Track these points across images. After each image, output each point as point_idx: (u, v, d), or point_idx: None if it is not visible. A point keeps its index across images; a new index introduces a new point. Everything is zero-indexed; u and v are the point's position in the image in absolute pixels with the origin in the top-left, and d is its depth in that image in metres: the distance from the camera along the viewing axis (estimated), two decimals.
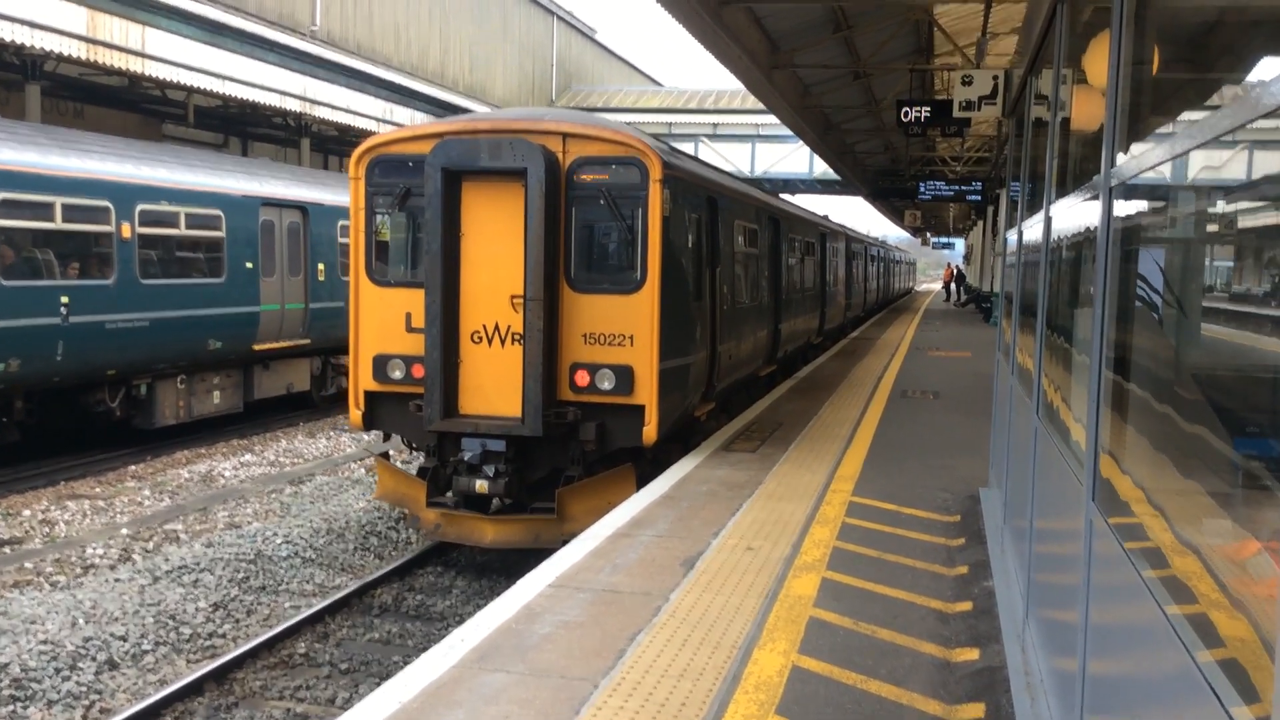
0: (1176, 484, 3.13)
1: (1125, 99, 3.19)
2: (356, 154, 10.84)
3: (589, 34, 57.10)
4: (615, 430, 10.40)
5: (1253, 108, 2.18)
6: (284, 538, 11.29)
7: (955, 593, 6.80)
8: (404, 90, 29.50)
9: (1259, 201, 2.76)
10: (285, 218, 18.07)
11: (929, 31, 19.66)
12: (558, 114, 11.42)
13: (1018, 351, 7.17)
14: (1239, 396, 3.00)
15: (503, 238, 10.21)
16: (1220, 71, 3.06)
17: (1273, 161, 2.60)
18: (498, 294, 10.31)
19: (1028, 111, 7.26)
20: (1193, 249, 3.33)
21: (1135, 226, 3.35)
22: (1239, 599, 2.50)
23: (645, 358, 10.25)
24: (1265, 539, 2.63)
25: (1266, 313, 2.66)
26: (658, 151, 10.53)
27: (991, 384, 16.62)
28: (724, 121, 48.71)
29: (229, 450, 16.30)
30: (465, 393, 10.42)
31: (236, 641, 8.78)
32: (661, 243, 10.31)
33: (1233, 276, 3.08)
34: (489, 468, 10.18)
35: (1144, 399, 3.31)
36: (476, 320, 10.36)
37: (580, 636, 5.84)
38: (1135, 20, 3.17)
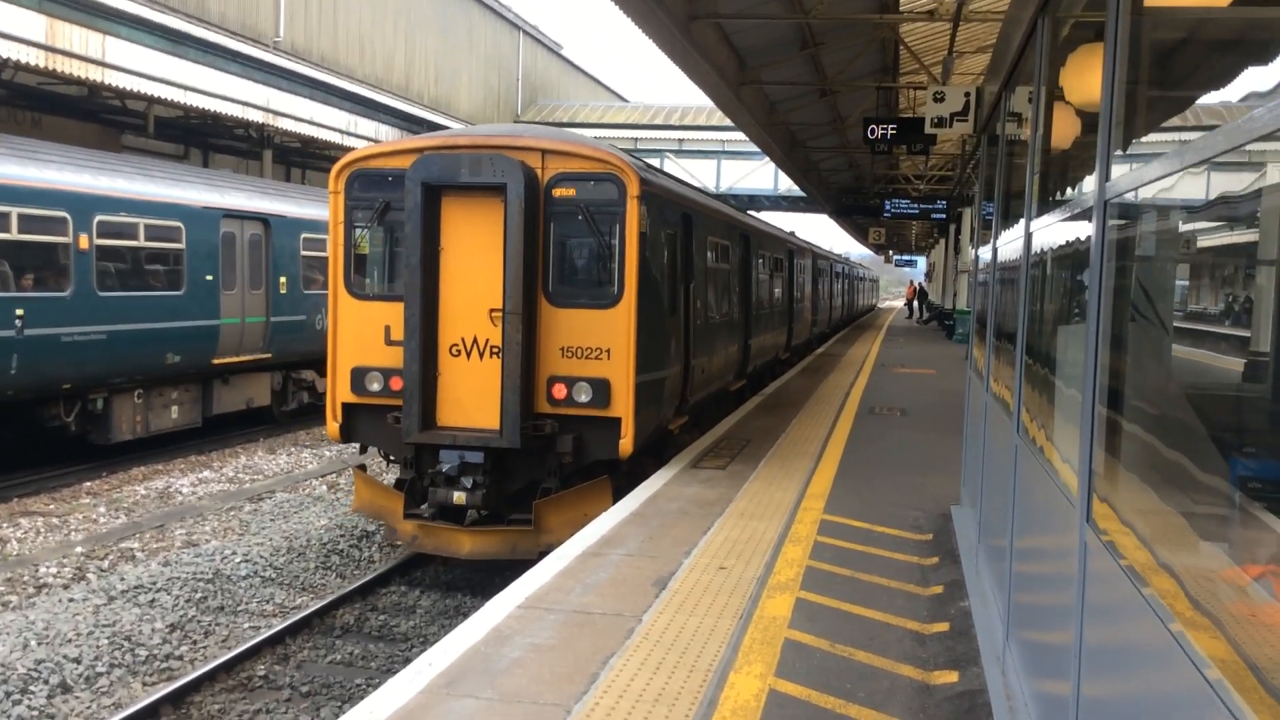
0: (1173, 505, 3.05)
1: (1120, 112, 3.12)
2: (336, 168, 10.91)
3: (555, 49, 57.06)
4: (592, 442, 10.50)
5: (1251, 129, 2.11)
6: (243, 556, 11.04)
7: (931, 613, 6.72)
8: (368, 102, 29.28)
9: (1253, 219, 2.69)
10: (247, 230, 17.80)
11: (895, 50, 19.77)
12: (536, 130, 11.61)
13: (993, 369, 7.12)
14: (1236, 416, 2.94)
15: (482, 252, 10.31)
16: (1216, 84, 3.00)
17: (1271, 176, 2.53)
18: (476, 307, 10.38)
19: (1002, 127, 7.23)
20: (1187, 265, 3.26)
21: (1130, 243, 3.28)
22: (1244, 618, 2.43)
23: (622, 371, 10.35)
24: (1264, 562, 2.56)
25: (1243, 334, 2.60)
26: (635, 168, 10.68)
27: (958, 401, 16.67)
28: (690, 137, 48.81)
29: (187, 466, 15.99)
30: (443, 405, 10.49)
31: (194, 663, 8.54)
32: (638, 258, 10.42)
33: (1226, 293, 3.02)
34: (467, 479, 10.23)
35: (1138, 419, 3.23)
36: (455, 333, 10.44)
37: (551, 660, 5.69)
38: (1131, 32, 3.10)
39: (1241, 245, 2.54)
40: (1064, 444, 4.11)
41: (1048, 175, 5.00)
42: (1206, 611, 2.57)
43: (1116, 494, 3.23)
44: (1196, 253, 2.85)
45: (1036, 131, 5.13)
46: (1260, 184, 2.69)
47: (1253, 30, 2.82)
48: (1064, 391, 4.24)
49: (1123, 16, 3.12)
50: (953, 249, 38.65)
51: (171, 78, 21.05)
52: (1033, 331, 5.10)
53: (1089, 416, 3.24)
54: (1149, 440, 3.20)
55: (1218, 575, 2.76)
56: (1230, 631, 2.45)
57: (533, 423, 10.28)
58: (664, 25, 13.92)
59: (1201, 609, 2.58)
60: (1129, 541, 3.01)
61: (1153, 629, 2.69)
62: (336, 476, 15.46)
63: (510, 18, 50.34)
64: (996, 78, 7.59)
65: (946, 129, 12.90)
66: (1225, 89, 2.89)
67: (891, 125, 17.02)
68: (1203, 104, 3.03)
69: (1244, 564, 2.67)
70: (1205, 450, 3.00)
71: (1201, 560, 2.84)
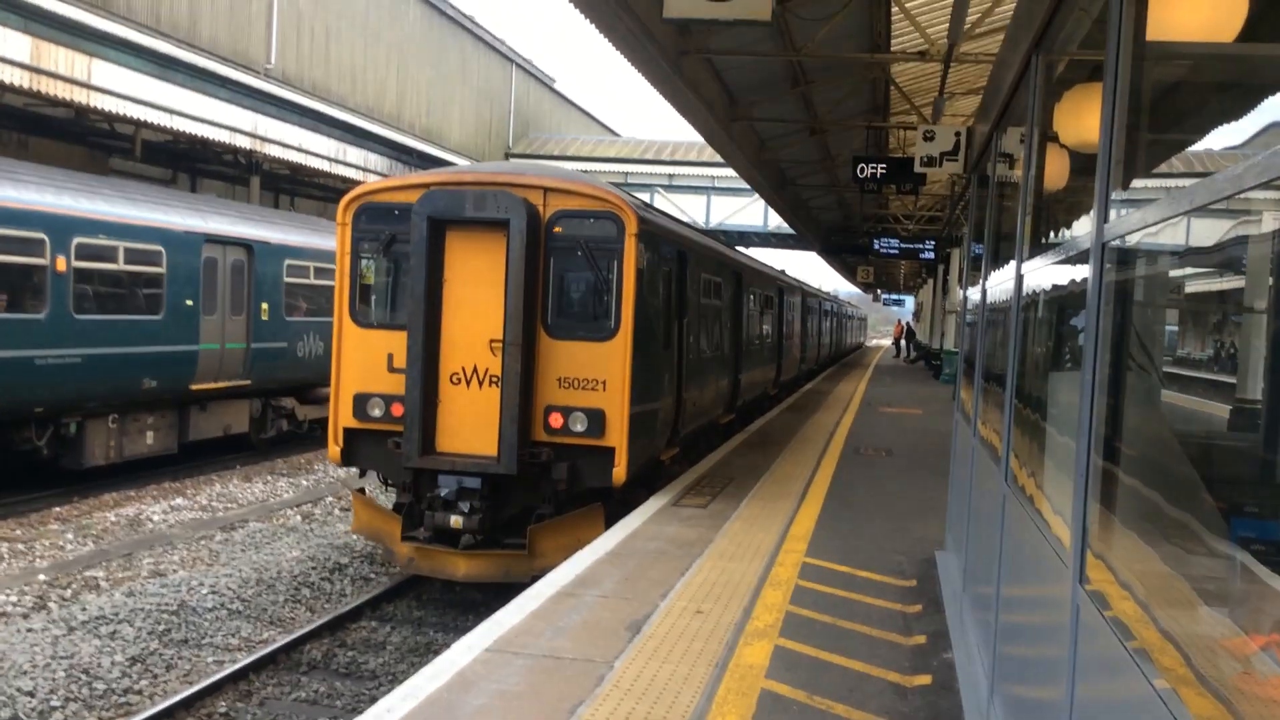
0: (1170, 567, 2.88)
1: (1120, 153, 2.96)
2: (344, 201, 11.27)
3: (548, 82, 57.25)
4: (586, 471, 10.75)
5: (1260, 173, 1.96)
6: (210, 588, 10.76)
7: (914, 664, 6.50)
8: (359, 131, 29.20)
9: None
10: (229, 255, 17.60)
11: (885, 90, 19.76)
12: (539, 168, 12.06)
13: (981, 414, 6.95)
14: (1237, 472, 2.78)
15: (483, 285, 10.65)
16: (1220, 124, 2.85)
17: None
18: (477, 338, 10.69)
19: (993, 168, 7.10)
20: (1186, 312, 3.10)
21: (1129, 287, 3.12)
22: (1250, 692, 2.28)
23: (616, 402, 10.65)
24: (1267, 632, 2.40)
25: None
26: (633, 207, 11.08)
27: (943, 442, 16.51)
28: (680, 172, 48.89)
29: (160, 493, 15.69)
30: (443, 432, 10.75)
31: (153, 699, 8.26)
32: (635, 294, 10.76)
33: (1223, 342, 2.87)
34: (464, 504, 10.50)
35: (1136, 472, 3.06)
36: (456, 362, 10.74)
37: (518, 709, 5.45)
38: (1132, 70, 2.96)
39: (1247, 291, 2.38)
40: (1055, 496, 3.93)
41: (1040, 216, 4.85)
42: (1209, 686, 2.40)
43: (1112, 553, 3.05)
44: (1200, 300, 2.69)
45: (1029, 172, 4.99)
46: (1257, 230, 2.54)
47: (1261, 68, 2.68)
48: (1056, 440, 4.07)
49: (1123, 53, 2.97)
50: (940, 289, 38.67)
51: (159, 102, 20.91)
52: (1023, 376, 4.93)
53: (1083, 470, 3.06)
54: (1147, 496, 3.03)
55: (1219, 644, 2.59)
56: (1237, 707, 2.28)
57: (529, 450, 10.56)
58: (655, 60, 13.84)
59: (1204, 682, 2.40)
60: (1126, 607, 2.83)
61: (1146, 695, 2.51)
62: (312, 506, 15.19)
63: (503, 50, 50.50)
64: (987, 118, 7.48)
65: (936, 168, 12.81)
66: (1230, 129, 2.75)
67: (881, 165, 16.98)
68: (1206, 147, 2.88)
69: (1247, 631, 2.51)
70: (1206, 507, 2.84)
71: (1201, 626, 2.67)
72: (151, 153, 25.01)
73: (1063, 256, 3.92)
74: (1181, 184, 2.59)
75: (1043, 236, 4.78)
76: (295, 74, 34.28)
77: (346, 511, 14.88)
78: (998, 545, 5.19)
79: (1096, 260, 3.04)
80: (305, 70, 35.09)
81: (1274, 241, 2.31)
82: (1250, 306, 2.84)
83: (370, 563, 12.25)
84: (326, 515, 14.68)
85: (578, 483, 10.78)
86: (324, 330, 20.19)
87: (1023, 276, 4.98)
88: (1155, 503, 2.97)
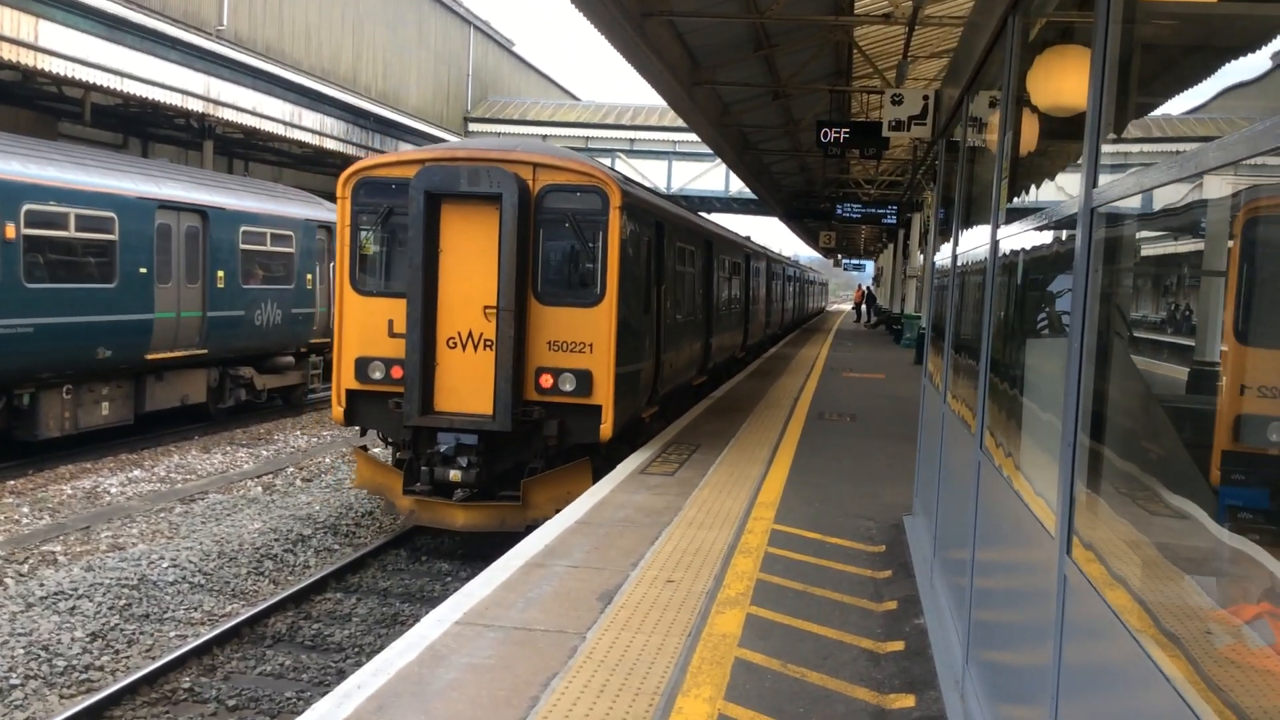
0: (1159, 535, 2.85)
1: (1110, 116, 2.90)
2: (344, 176, 11.90)
3: (506, 45, 56.58)
4: (575, 427, 11.46)
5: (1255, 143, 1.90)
6: (171, 561, 10.59)
7: (885, 630, 6.50)
8: (314, 94, 28.64)
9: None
10: (183, 222, 17.24)
11: (849, 54, 19.66)
12: (529, 145, 12.56)
13: (952, 380, 6.93)
14: (1219, 438, 2.75)
15: (478, 255, 11.26)
16: (1203, 83, 2.80)
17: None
18: (472, 304, 11.31)
19: (964, 132, 7.04)
20: (1177, 275, 3.06)
21: (1114, 252, 3.06)
22: (1240, 661, 2.26)
23: (603, 363, 11.38)
24: (1256, 600, 2.38)
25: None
26: (617, 181, 11.90)
27: (907, 407, 16.58)
28: (641, 137, 48.57)
29: (117, 465, 15.43)
30: (440, 392, 11.42)
31: (115, 675, 8.12)
32: (619, 262, 11.47)
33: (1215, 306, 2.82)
34: (462, 459, 11.16)
35: (1120, 441, 3.02)
36: (452, 328, 11.38)
37: (490, 682, 5.39)
38: (1123, 31, 2.88)
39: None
40: (1036, 466, 3.90)
41: (1016, 181, 4.80)
42: (1198, 652, 2.37)
43: (1097, 521, 3.02)
44: (1195, 267, 2.64)
45: (1004, 136, 4.93)
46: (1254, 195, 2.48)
47: (1249, 25, 2.61)
48: (1034, 409, 4.03)
49: (1114, 13, 2.90)
50: (901, 254, 38.78)
51: (109, 64, 20.38)
52: (1000, 344, 4.89)
53: (1070, 441, 3.01)
54: (1132, 466, 3.00)
55: (1206, 613, 2.57)
56: (1223, 672, 2.26)
57: (522, 409, 11.27)
58: (617, 22, 13.65)
59: (1178, 643, 2.37)
60: (1108, 573, 2.79)
61: (1132, 656, 2.48)
62: (272, 477, 15.00)
63: (461, 12, 49.82)
64: (957, 82, 7.41)
65: (904, 132, 12.75)
66: (1218, 89, 2.69)
67: (845, 129, 16.89)
68: (1194, 110, 2.82)
69: (1235, 600, 2.49)
70: (1193, 475, 2.81)
71: (1185, 593, 2.65)
72: (101, 116, 24.42)
73: (1045, 221, 3.86)
74: (1178, 148, 2.52)
75: (1020, 201, 4.72)
76: (248, 35, 33.57)
77: (308, 482, 14.73)
78: (972, 511, 5.17)
79: (1085, 225, 2.98)
80: (258, 32, 34.37)
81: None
82: (1210, 269, 2.80)
83: (334, 534, 12.13)
84: (288, 486, 14.50)
85: (567, 438, 11.45)
86: (282, 298, 19.89)
87: (998, 243, 4.92)
88: (1140, 472, 2.94)
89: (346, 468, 15.77)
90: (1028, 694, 3.78)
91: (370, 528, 12.56)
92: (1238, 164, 2.00)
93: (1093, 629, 2.84)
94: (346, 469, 15.67)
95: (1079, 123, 3.26)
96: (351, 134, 30.39)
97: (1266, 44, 2.36)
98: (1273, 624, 2.21)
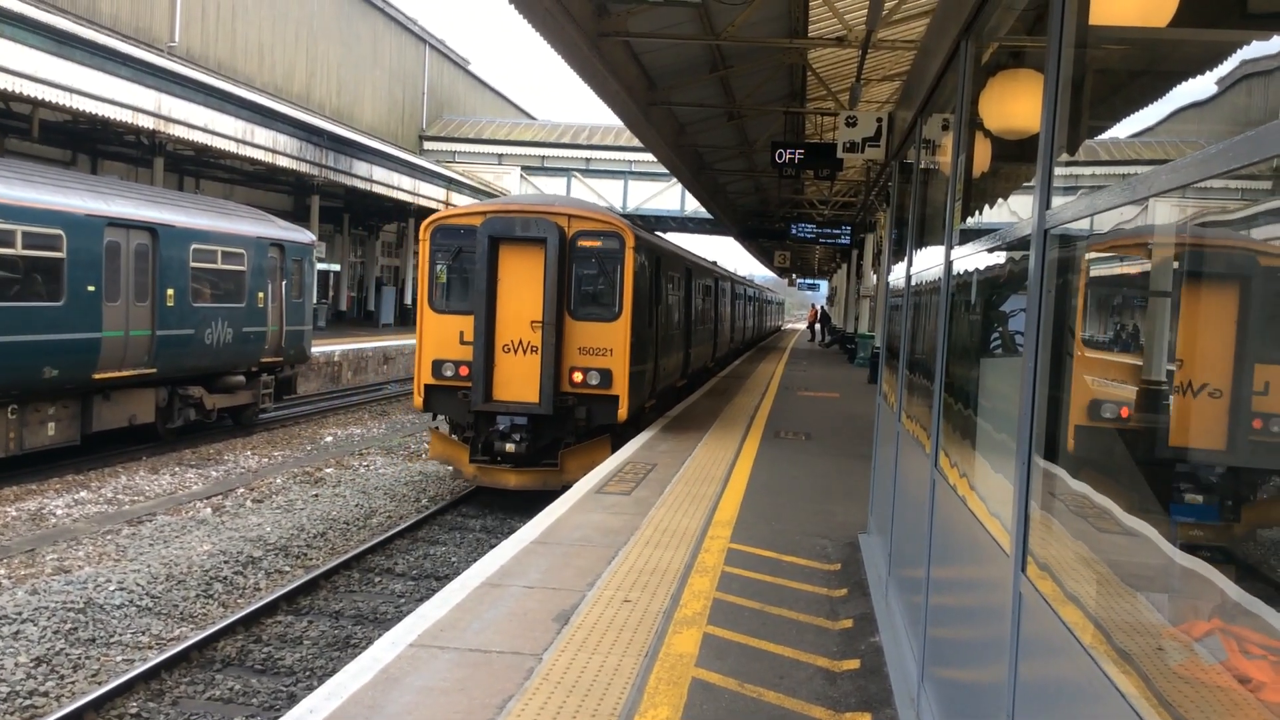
0: (1108, 553, 2.88)
1: (1062, 139, 2.94)
2: (425, 223, 15.51)
3: (462, 64, 56.50)
4: (598, 412, 15.05)
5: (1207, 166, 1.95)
6: (118, 584, 10.39)
7: (841, 649, 6.52)
8: (267, 111, 28.41)
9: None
10: (133, 239, 16.99)
11: (803, 76, 19.85)
12: (566, 201, 17.26)
13: (906, 399, 6.98)
14: (1176, 461, 2.79)
15: (527, 282, 14.72)
16: (1158, 108, 2.85)
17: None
18: (522, 320, 14.79)
19: (918, 154, 7.12)
20: (1131, 295, 3.10)
21: (1066, 273, 3.10)
22: (1194, 678, 2.29)
23: (620, 364, 14.97)
24: (1207, 617, 2.41)
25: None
26: (631, 228, 15.49)
27: (862, 425, 16.69)
28: (597, 157, 48.62)
29: (63, 486, 15.13)
30: (498, 385, 14.89)
31: (60, 700, 7.92)
32: (633, 289, 15.14)
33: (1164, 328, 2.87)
34: (515, 436, 14.65)
35: (1072, 457, 3.06)
36: (507, 337, 14.86)
37: (445, 705, 5.32)
38: (1075, 56, 2.93)
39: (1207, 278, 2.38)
40: (990, 484, 3.93)
41: (969, 203, 4.85)
42: (1147, 663, 2.39)
43: (1051, 538, 3.05)
44: (1147, 288, 2.69)
45: (957, 158, 4.99)
46: (1205, 218, 2.53)
47: (1197, 53, 2.67)
48: (988, 428, 4.07)
49: (1066, 39, 2.94)
50: (855, 273, 39.10)
51: (58, 80, 20.10)
52: (953, 363, 4.93)
53: (1024, 457, 3.04)
54: (1083, 485, 3.03)
55: (1160, 629, 2.60)
56: (1169, 683, 2.29)
57: (560, 398, 14.76)
58: (573, 42, 13.69)
59: (1129, 660, 2.40)
60: (1062, 591, 2.81)
61: (1087, 673, 2.50)
62: (222, 498, 14.78)
63: (416, 30, 49.71)
64: (911, 104, 7.50)
65: (858, 154, 12.88)
66: (1166, 113, 2.74)
67: (799, 150, 17.02)
68: (1144, 133, 2.87)
69: (1187, 617, 2.52)
70: (1145, 493, 2.85)
71: (1138, 610, 2.68)
72: (50, 133, 24.10)
73: (999, 242, 3.90)
74: (1129, 170, 2.57)
75: (973, 223, 4.78)
76: (200, 52, 33.26)
77: (259, 503, 14.53)
78: (927, 529, 5.20)
79: (1038, 246, 3.02)
80: (210, 49, 34.06)
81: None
82: (1156, 289, 2.86)
83: (285, 555, 11.97)
84: (238, 507, 14.29)
85: (593, 420, 15.05)
86: (233, 316, 19.65)
87: (951, 263, 4.98)
88: (1093, 490, 2.97)
89: (298, 488, 15.60)
90: (983, 711, 3.80)
91: (323, 549, 12.42)
92: (1187, 188, 2.03)
93: (1047, 646, 2.86)
94: (299, 489, 15.49)
95: (1031, 145, 3.32)
96: (305, 151, 30.17)
97: (1213, 68, 2.41)
98: (1224, 640, 2.25)
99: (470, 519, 14.51)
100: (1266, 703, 1.99)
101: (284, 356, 21.91)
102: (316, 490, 15.52)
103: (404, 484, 16.30)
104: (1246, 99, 2.16)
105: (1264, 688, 2.05)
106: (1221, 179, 1.91)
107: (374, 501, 14.97)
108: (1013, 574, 3.11)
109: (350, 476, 16.74)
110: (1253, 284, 2.35)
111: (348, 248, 44.74)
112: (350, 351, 29.74)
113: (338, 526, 13.48)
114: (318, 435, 21.52)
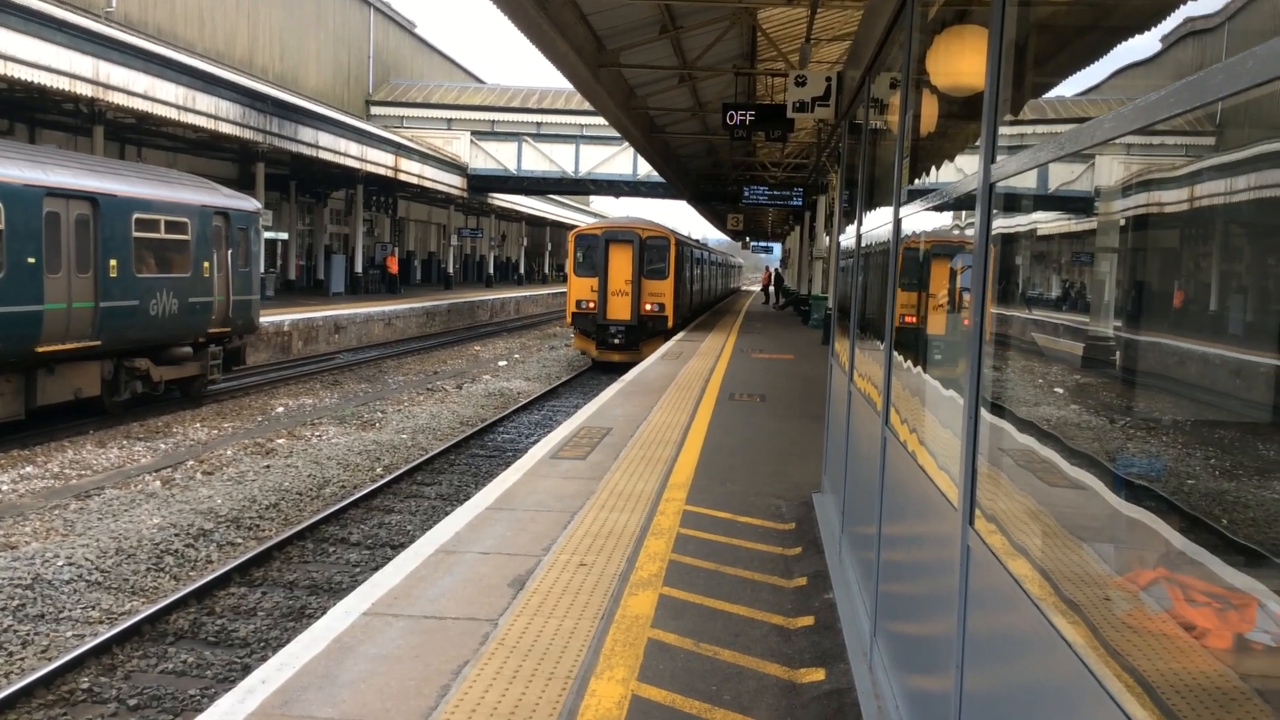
0: (1056, 504, 2.91)
1: (1006, 94, 2.93)
2: (571, 234, 30.97)
3: (408, 27, 55.68)
4: (656, 326, 29.79)
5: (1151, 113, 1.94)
6: (66, 559, 10.24)
7: (796, 606, 6.57)
8: (209, 77, 27.81)
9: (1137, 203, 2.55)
10: (73, 209, 16.63)
11: (752, 37, 19.76)
12: (642, 222, 31.79)
13: (858, 359, 7.01)
14: (1126, 413, 2.82)
15: (623, 263, 29.37)
16: (1097, 64, 2.85)
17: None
18: (620, 280, 29.36)
19: (866, 113, 7.11)
20: (1077, 255, 3.11)
21: (1011, 228, 3.11)
22: (1136, 624, 2.32)
23: (669, 302, 29.87)
24: (1153, 566, 2.44)
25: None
26: (673, 233, 31.00)
27: (816, 386, 16.79)
28: (548, 121, 48.20)
29: (7, 461, 14.86)
30: (609, 310, 29.23)
31: (9, 678, 7.82)
32: (675, 264, 30.37)
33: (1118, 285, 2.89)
34: (618, 337, 29.24)
35: (1018, 413, 3.08)
36: (614, 288, 29.30)
37: (400, 672, 5.30)
38: (1019, 10, 2.92)
39: (1150, 234, 2.38)
40: (938, 440, 3.96)
41: (917, 160, 4.85)
42: (1094, 613, 2.42)
43: (998, 494, 3.07)
44: (1085, 243, 2.69)
45: (905, 116, 4.98)
46: (1151, 175, 2.54)
47: (1141, 10, 2.66)
48: (937, 385, 4.09)
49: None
50: (808, 236, 39.20)
51: None
52: (901, 321, 4.95)
53: (971, 413, 3.06)
54: (1030, 439, 3.05)
55: (1107, 579, 2.63)
56: (1115, 631, 2.31)
57: (639, 318, 29.28)
58: (520, 3, 13.50)
59: (1078, 610, 2.42)
60: (1009, 543, 2.84)
61: (1034, 624, 2.53)
62: (172, 471, 14.59)
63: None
64: (858, 64, 7.47)
65: (808, 113, 12.84)
66: (1111, 70, 2.74)
67: (750, 111, 16.96)
68: (1089, 91, 2.87)
69: (1132, 566, 2.55)
70: (1089, 446, 2.87)
71: (1084, 561, 2.71)
72: None
73: (946, 199, 3.90)
74: (1063, 128, 2.56)
75: (920, 180, 4.78)
76: (139, 17, 32.48)
77: (209, 475, 14.35)
78: (878, 487, 5.24)
79: (984, 201, 3.02)
80: (149, 14, 33.28)
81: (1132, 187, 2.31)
82: (1103, 246, 2.87)
83: (237, 527, 11.86)
84: (188, 480, 14.11)
85: (656, 329, 29.70)
86: (178, 287, 19.33)
87: (900, 221, 4.98)
88: (1039, 444, 2.99)
89: (249, 459, 15.43)
90: (933, 664, 3.84)
91: (275, 520, 12.31)
92: (1130, 135, 2.03)
93: (996, 597, 2.89)
94: (250, 461, 15.33)
95: (978, 103, 3.31)
96: (248, 117, 29.61)
97: (1157, 24, 2.41)
98: (1169, 588, 2.27)
99: (425, 486, 14.45)
100: (1210, 648, 2.01)
101: (231, 327, 21.61)
102: (268, 461, 15.36)
103: (358, 453, 16.19)
104: (1189, 55, 2.16)
105: (1208, 634, 2.08)
106: (1161, 135, 1.90)
107: (327, 471, 14.86)
108: (960, 528, 3.14)
109: (302, 447, 16.59)
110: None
111: (295, 215, 44.08)
112: (300, 321, 29.40)
113: (290, 497, 13.36)
114: (268, 406, 21.29)
